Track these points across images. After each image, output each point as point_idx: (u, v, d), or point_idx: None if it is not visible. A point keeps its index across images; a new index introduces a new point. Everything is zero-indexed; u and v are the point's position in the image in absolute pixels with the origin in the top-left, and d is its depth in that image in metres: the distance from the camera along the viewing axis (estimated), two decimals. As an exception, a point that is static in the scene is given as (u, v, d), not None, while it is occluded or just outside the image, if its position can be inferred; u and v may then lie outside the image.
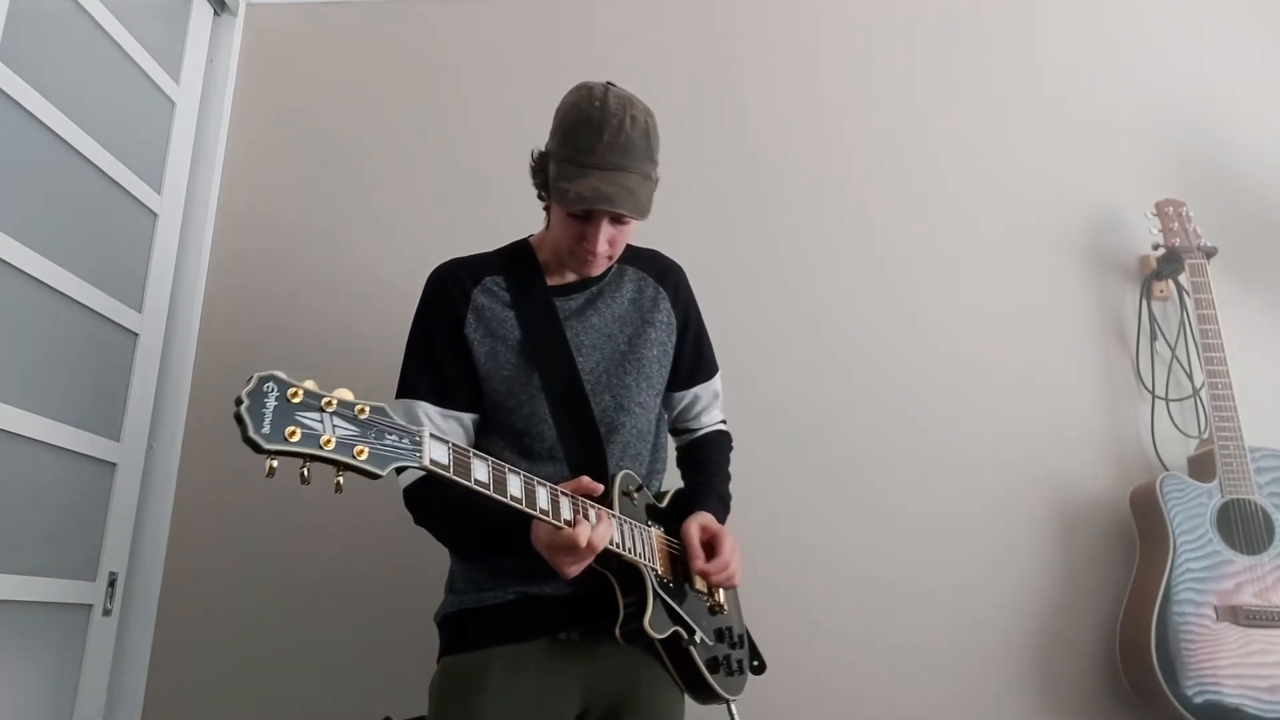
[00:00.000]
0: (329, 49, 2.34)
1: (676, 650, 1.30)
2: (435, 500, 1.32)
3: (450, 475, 1.03)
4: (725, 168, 2.16)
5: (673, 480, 1.58)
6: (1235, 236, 2.01)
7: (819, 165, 2.16)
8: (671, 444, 1.64)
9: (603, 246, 1.33)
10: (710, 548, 1.37)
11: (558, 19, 2.30)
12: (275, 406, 0.89)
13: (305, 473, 0.91)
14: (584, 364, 1.40)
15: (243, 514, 2.05)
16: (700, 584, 1.39)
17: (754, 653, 1.47)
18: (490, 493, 1.08)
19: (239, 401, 0.87)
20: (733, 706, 1.39)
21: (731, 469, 1.59)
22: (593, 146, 1.27)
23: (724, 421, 1.65)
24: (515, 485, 1.11)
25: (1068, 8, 2.22)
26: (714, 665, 1.33)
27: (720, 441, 1.62)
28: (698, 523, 1.39)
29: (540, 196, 1.42)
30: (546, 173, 1.34)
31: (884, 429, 2.00)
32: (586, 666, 1.33)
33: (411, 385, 1.37)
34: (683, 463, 1.62)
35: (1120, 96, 2.15)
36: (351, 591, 1.98)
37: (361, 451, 0.94)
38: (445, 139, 2.24)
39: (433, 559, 1.46)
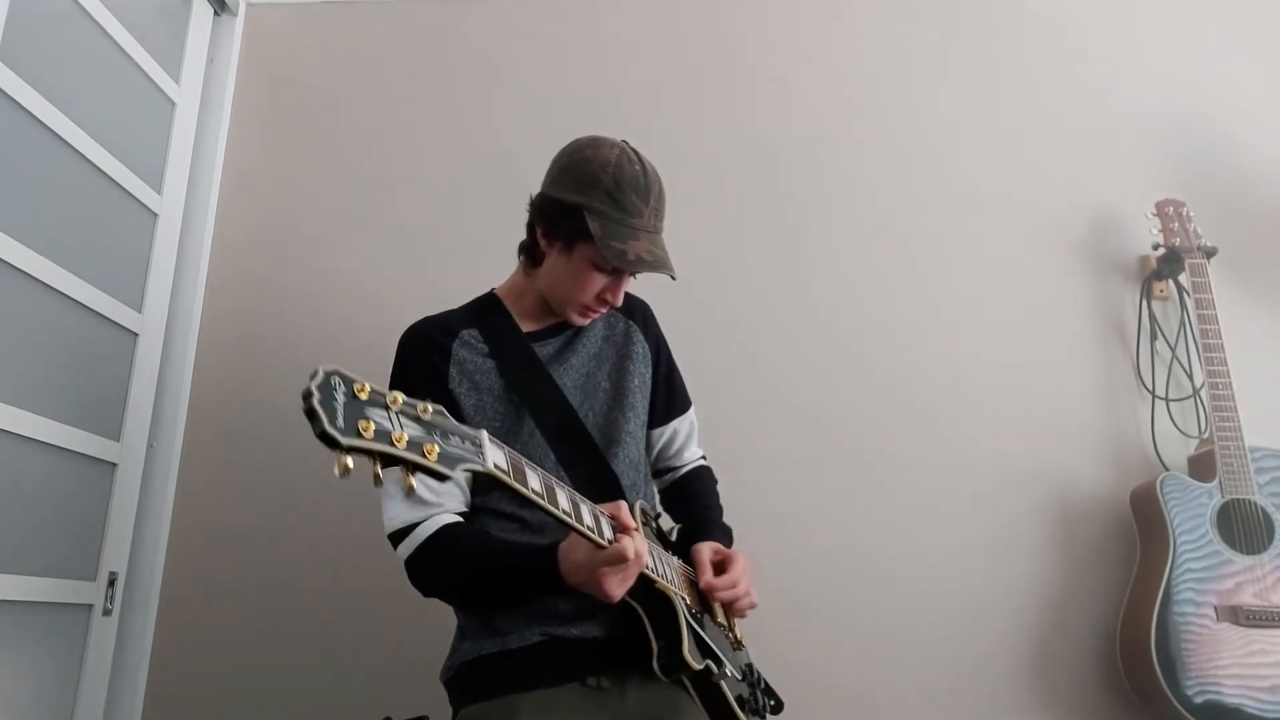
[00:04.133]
0: (329, 49, 2.33)
1: (708, 685, 1.25)
2: (446, 560, 1.27)
3: (510, 480, 1.01)
4: (725, 169, 2.16)
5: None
6: (1235, 236, 2.00)
7: (818, 167, 2.16)
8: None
9: (620, 300, 1.38)
10: (720, 568, 1.37)
11: (560, 19, 2.30)
12: (345, 402, 0.83)
13: (379, 472, 0.85)
14: (570, 404, 1.40)
15: (243, 514, 2.05)
16: (721, 617, 1.38)
17: (770, 692, 1.43)
18: (544, 502, 1.05)
19: (309, 395, 0.80)
20: None
21: (731, 467, 1.59)
22: (640, 210, 1.30)
23: (704, 456, 1.65)
24: (564, 498, 1.09)
25: (1067, 9, 2.22)
26: (741, 703, 1.29)
27: (707, 477, 1.62)
28: (710, 546, 1.39)
29: (544, 241, 1.38)
30: (575, 224, 1.31)
31: (884, 428, 2.00)
32: (616, 712, 1.28)
33: None
34: (671, 503, 1.61)
35: (1120, 96, 2.15)
36: (352, 591, 1.98)
37: (432, 450, 0.89)
38: (445, 139, 2.24)
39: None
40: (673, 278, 1.31)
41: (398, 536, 1.27)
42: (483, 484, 1.33)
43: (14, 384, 1.65)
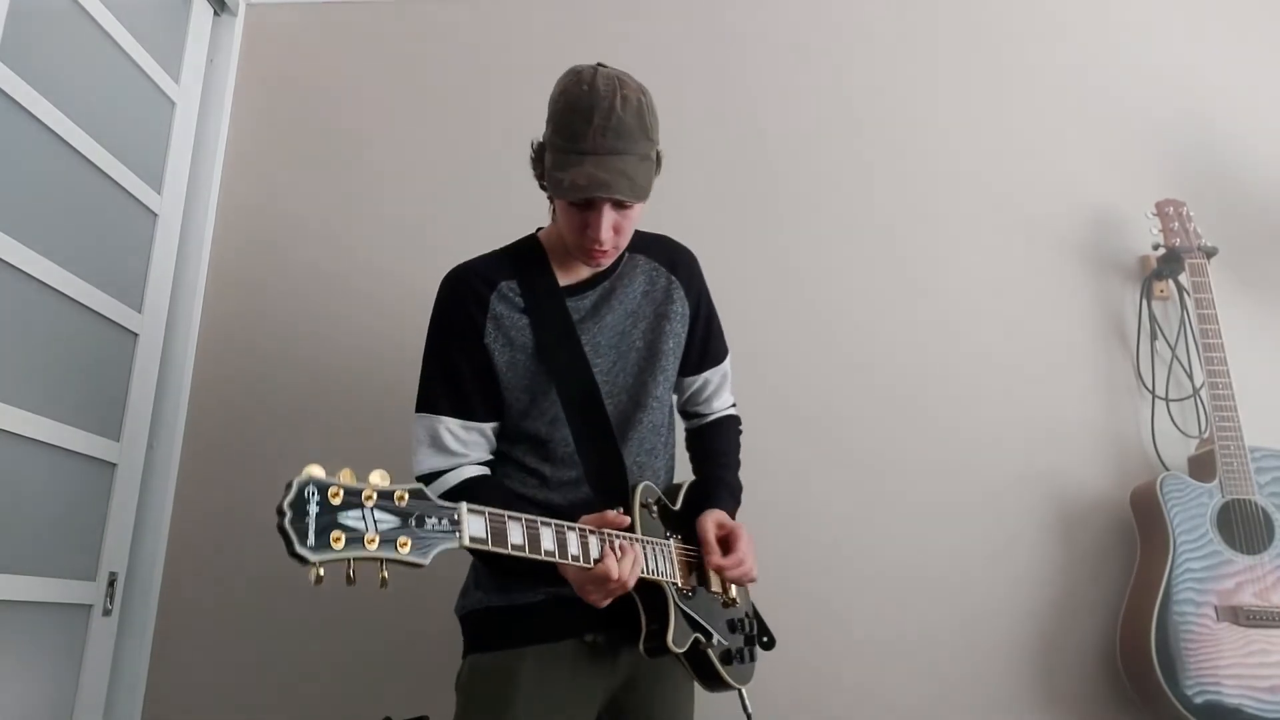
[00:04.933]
0: (329, 49, 2.34)
1: (695, 654, 1.31)
2: None
3: (489, 548, 1.04)
4: (726, 167, 2.16)
5: (682, 461, 1.59)
6: (1235, 236, 2.00)
7: (818, 167, 2.16)
8: (679, 427, 1.63)
9: (607, 234, 1.29)
10: (725, 543, 1.39)
11: (559, 17, 2.30)
12: (317, 513, 0.88)
13: (351, 573, 0.90)
14: (601, 365, 1.40)
15: (242, 514, 2.05)
16: (715, 584, 1.40)
17: (763, 629, 1.49)
18: (526, 554, 1.09)
19: (281, 514, 0.85)
20: (744, 693, 1.41)
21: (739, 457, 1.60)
22: (584, 132, 1.24)
23: (734, 405, 1.65)
24: (548, 538, 1.12)
25: (1068, 8, 2.22)
26: (727, 658, 1.35)
27: (730, 427, 1.62)
28: (713, 519, 1.40)
29: (543, 188, 1.40)
30: (540, 163, 1.33)
31: (884, 429, 2.00)
32: (610, 668, 1.35)
33: (432, 399, 1.36)
34: (692, 447, 1.62)
35: (1120, 96, 2.15)
36: (352, 592, 1.97)
37: (405, 544, 0.94)
38: (445, 138, 2.25)
39: (436, 560, 1.46)
40: (628, 200, 1.26)
41: (424, 481, 1.31)
42: (509, 433, 1.39)
43: (14, 384, 1.66)
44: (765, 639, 1.48)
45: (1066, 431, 1.97)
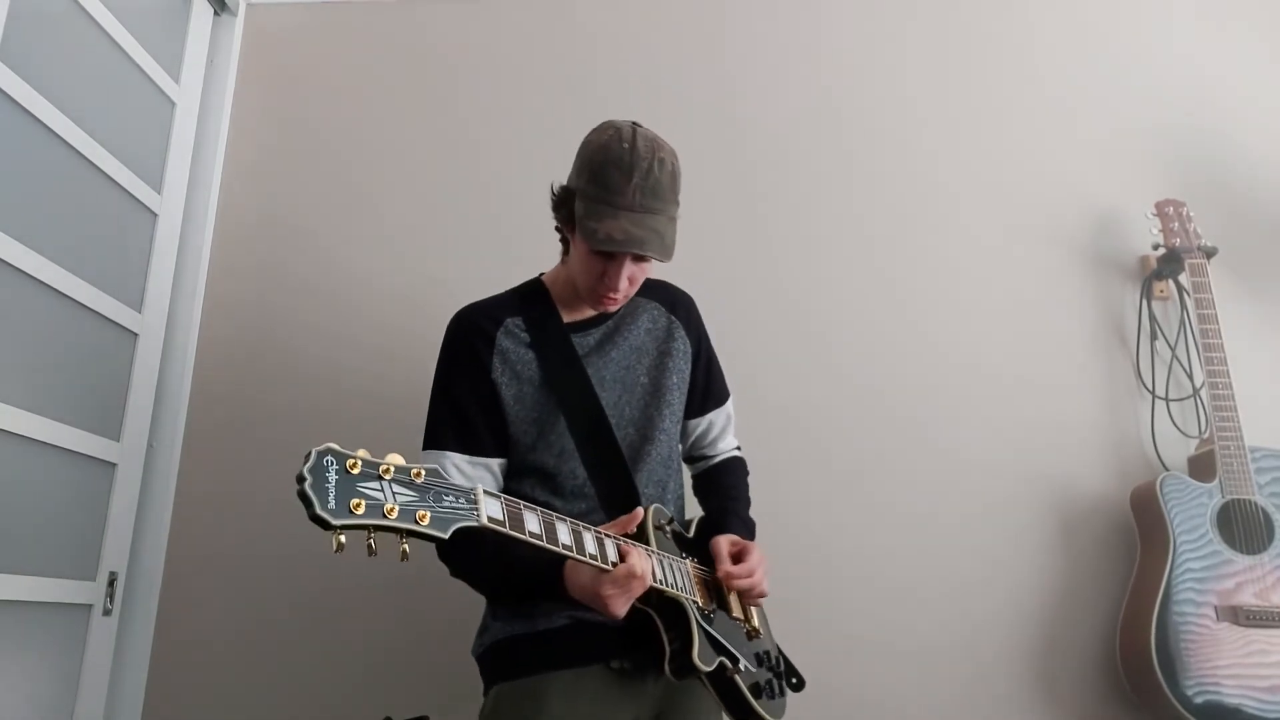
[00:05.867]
0: (329, 49, 2.34)
1: (723, 680, 1.29)
2: (467, 555, 1.31)
3: (506, 530, 1.04)
4: (724, 170, 2.16)
5: (690, 508, 1.59)
6: (1235, 236, 2.00)
7: (817, 167, 2.16)
8: (686, 471, 1.63)
9: (623, 284, 1.34)
10: (737, 559, 1.39)
11: (558, 20, 2.30)
12: (337, 480, 0.89)
13: (372, 543, 0.91)
14: (607, 399, 1.41)
15: (242, 514, 2.05)
16: (736, 610, 1.39)
17: (790, 670, 1.47)
18: (544, 543, 1.08)
19: (301, 479, 0.86)
20: None
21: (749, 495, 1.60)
22: (622, 188, 1.28)
23: (739, 448, 1.67)
24: (564, 533, 1.12)
25: (1067, 8, 2.22)
26: (757, 691, 1.33)
27: (738, 468, 1.63)
28: (727, 539, 1.41)
29: (558, 229, 1.42)
30: (570, 208, 1.35)
31: (884, 431, 2.00)
32: (638, 696, 1.35)
33: (438, 436, 1.38)
34: (700, 490, 1.63)
35: (1120, 96, 2.15)
36: (352, 591, 1.98)
37: (424, 516, 0.94)
38: (445, 139, 2.24)
39: (435, 560, 1.46)
40: (657, 259, 1.31)
41: None
42: (517, 469, 1.39)
43: (14, 384, 1.65)
44: (795, 680, 1.45)
45: (1066, 432, 1.97)
